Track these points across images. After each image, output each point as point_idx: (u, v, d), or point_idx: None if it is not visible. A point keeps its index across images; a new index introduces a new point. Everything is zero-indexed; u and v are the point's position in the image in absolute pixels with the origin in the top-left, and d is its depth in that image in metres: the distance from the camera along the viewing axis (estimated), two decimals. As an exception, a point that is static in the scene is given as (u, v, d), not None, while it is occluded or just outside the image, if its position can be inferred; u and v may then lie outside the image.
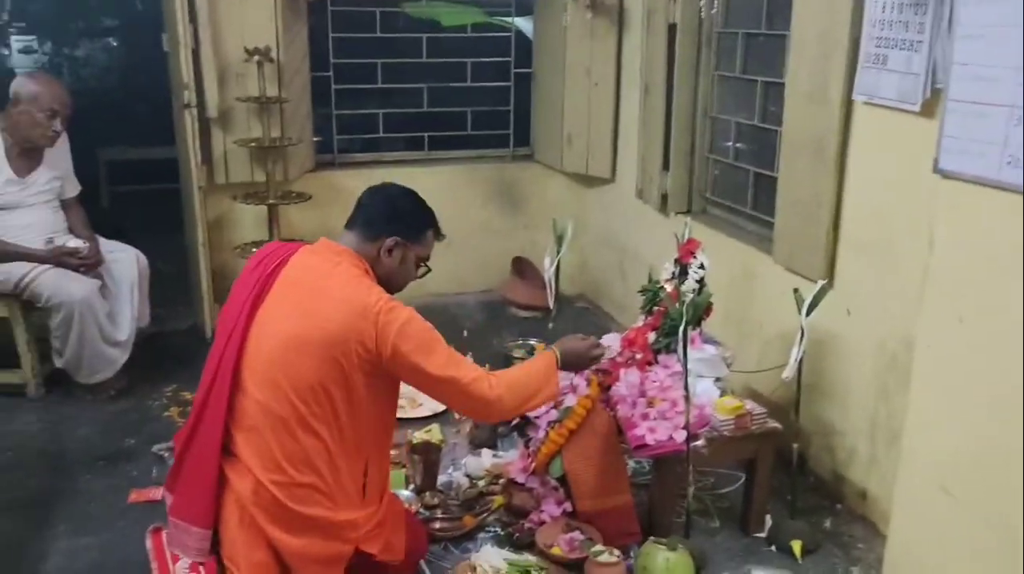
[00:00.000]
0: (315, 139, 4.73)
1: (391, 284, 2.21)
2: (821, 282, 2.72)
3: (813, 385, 3.12)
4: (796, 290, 2.72)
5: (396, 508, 2.44)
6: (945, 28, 2.54)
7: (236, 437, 2.10)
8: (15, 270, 3.52)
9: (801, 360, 2.72)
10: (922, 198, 2.59)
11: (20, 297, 3.56)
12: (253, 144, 4.26)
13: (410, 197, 2.26)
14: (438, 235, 2.28)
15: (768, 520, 2.89)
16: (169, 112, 4.40)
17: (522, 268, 4.87)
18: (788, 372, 2.71)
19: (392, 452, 3.18)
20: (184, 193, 4.30)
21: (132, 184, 7.15)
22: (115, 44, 8.89)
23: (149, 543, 2.69)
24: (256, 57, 4.11)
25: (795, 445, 2.83)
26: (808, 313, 2.67)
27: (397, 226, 2.16)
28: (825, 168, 3.02)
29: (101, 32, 8.89)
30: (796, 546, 2.74)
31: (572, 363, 2.48)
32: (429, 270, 2.30)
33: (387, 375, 2.11)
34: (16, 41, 9.00)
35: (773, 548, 2.80)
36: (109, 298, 3.71)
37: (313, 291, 2.06)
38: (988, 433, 2.26)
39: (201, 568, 2.51)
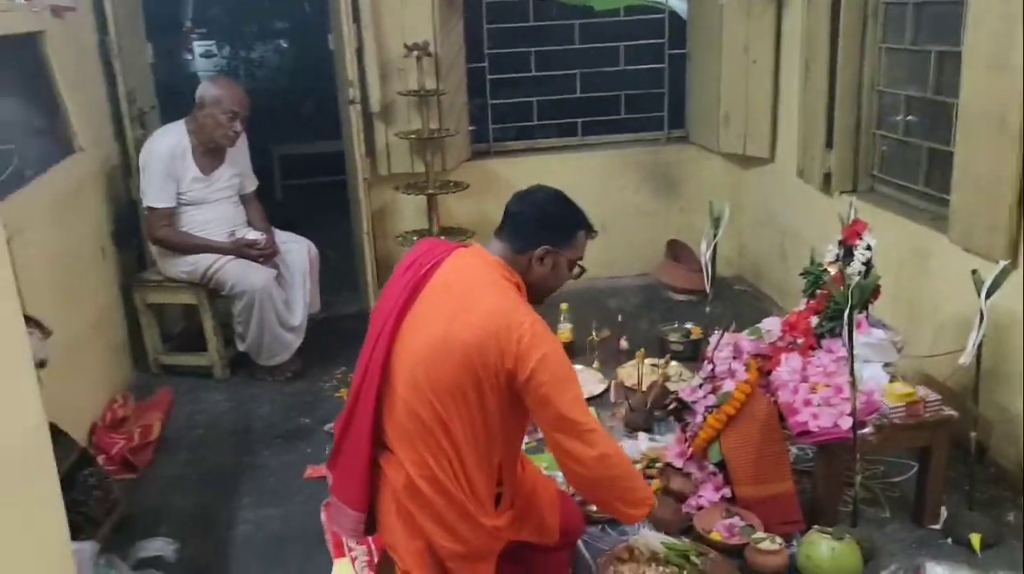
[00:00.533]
0: (470, 128, 4.85)
1: (544, 289, 2.19)
2: (1003, 262, 2.55)
3: (994, 370, 2.93)
4: (975, 271, 2.56)
5: (551, 490, 2.48)
6: None
7: (387, 431, 2.16)
8: (202, 261, 3.81)
9: (980, 344, 2.56)
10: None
11: (207, 286, 3.86)
12: (413, 136, 4.42)
13: (557, 202, 2.19)
14: (590, 234, 2.21)
15: (943, 512, 2.75)
16: (335, 108, 4.62)
17: (677, 251, 4.82)
18: (966, 357, 2.56)
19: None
20: (350, 185, 4.52)
21: (303, 178, 7.55)
22: (285, 46, 9.39)
23: (324, 516, 2.87)
24: (415, 52, 4.26)
25: (973, 433, 2.67)
26: (988, 295, 2.51)
27: (546, 235, 2.11)
28: (1008, 141, 2.82)
29: (273, 34, 9.42)
30: (975, 539, 2.59)
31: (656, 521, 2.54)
32: (584, 270, 2.25)
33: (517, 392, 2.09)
34: (198, 46, 9.70)
35: (949, 541, 2.66)
36: (284, 286, 3.96)
37: (463, 298, 2.05)
38: None
39: (372, 543, 2.67)
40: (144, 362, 4.07)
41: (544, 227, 2.12)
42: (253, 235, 3.89)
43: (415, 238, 4.50)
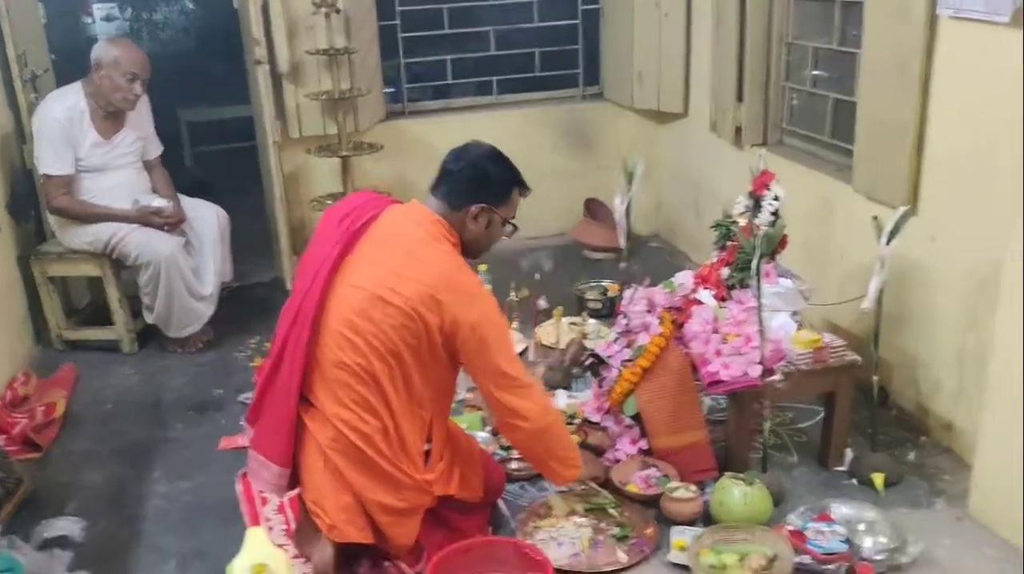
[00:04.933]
0: (387, 90, 4.75)
1: (478, 247, 2.24)
2: (903, 208, 2.61)
3: (896, 316, 3.02)
4: (875, 217, 2.62)
5: (473, 448, 2.49)
6: (1036, -70, 2.36)
7: (314, 384, 2.15)
8: (103, 231, 3.66)
9: (882, 290, 2.63)
10: (1013, 116, 2.45)
11: (110, 257, 3.71)
12: (324, 97, 4.31)
13: (494, 159, 2.24)
14: (524, 192, 2.27)
15: (848, 454, 2.83)
16: (244, 70, 4.47)
17: (595, 209, 4.82)
18: (867, 303, 2.62)
19: (469, 395, 3.26)
20: (260, 149, 4.39)
21: (213, 143, 7.32)
22: (191, 6, 9.05)
23: (239, 487, 2.82)
24: (323, 9, 4.13)
25: (875, 377, 2.75)
26: (888, 241, 2.57)
27: (483, 193, 2.16)
28: (908, 89, 2.88)
29: (178, -6, 9.07)
30: (878, 479, 2.68)
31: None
32: (516, 228, 2.31)
33: (453, 350, 2.14)
34: (98, 9, 9.26)
35: (854, 481, 2.75)
36: (193, 254, 3.84)
37: (403, 254, 2.07)
38: (1082, 360, 2.16)
39: (288, 508, 2.63)
40: (47, 338, 3.91)
41: (481, 185, 2.16)
42: (158, 202, 3.74)
43: (330, 202, 4.39)
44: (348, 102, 4.36)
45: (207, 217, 3.90)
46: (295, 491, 2.32)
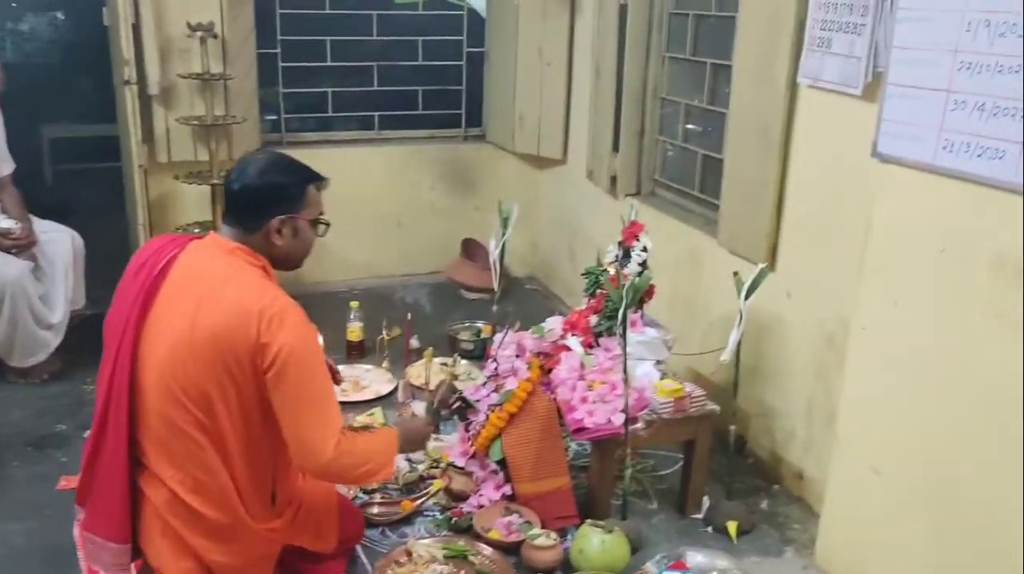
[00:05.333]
0: (271, 118, 4.64)
1: (294, 258, 2.08)
2: (761, 266, 2.72)
3: (754, 367, 3.13)
4: (736, 273, 2.72)
5: (329, 495, 2.40)
6: (888, 11, 2.53)
7: (145, 447, 2.01)
8: (-55, 251, 3.41)
9: (740, 343, 2.72)
10: (862, 182, 2.59)
11: (-51, 278, 3.44)
12: (196, 122, 4.16)
13: (275, 167, 2.04)
14: (320, 186, 2.07)
15: (705, 501, 2.90)
16: (113, 88, 4.28)
17: (472, 250, 4.83)
18: (726, 355, 2.70)
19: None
20: (125, 172, 4.19)
21: (78, 161, 6.97)
22: (61, 18, 8.64)
23: (76, 532, 2.61)
24: (199, 33, 4.01)
25: (732, 427, 2.83)
26: (747, 296, 2.67)
27: (275, 205, 1.98)
28: (770, 151, 3.02)
29: (47, 5, 8.63)
30: (732, 527, 2.75)
31: (409, 443, 2.36)
32: (328, 225, 2.11)
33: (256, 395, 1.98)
34: (-43, 15, 8.73)
35: (709, 529, 2.81)
36: (43, 280, 3.61)
37: (206, 293, 1.93)
38: (919, 415, 2.28)
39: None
40: None
41: (270, 198, 1.98)
42: (6, 223, 3.51)
43: (197, 230, 4.23)
44: (221, 129, 4.23)
45: (60, 241, 3.68)
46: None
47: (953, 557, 2.20)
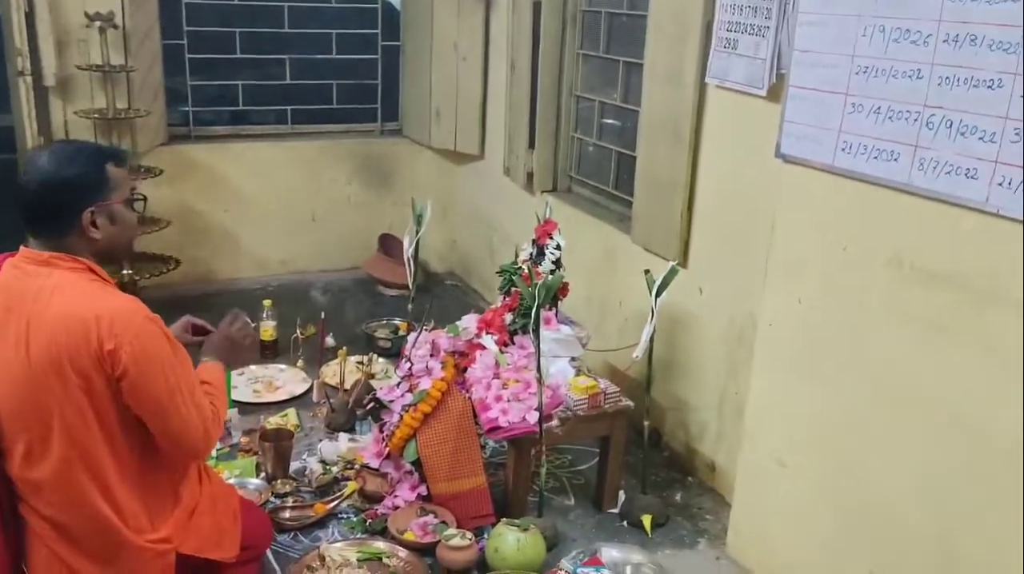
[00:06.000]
0: (181, 111, 4.49)
1: (121, 244, 1.91)
2: (671, 263, 2.76)
3: (669, 362, 3.18)
4: (647, 271, 2.75)
5: (232, 501, 2.33)
6: (790, 14, 2.59)
7: (17, 482, 1.90)
8: None
9: (653, 339, 2.75)
10: (768, 181, 2.65)
11: None
12: (96, 115, 4.01)
13: (64, 158, 1.81)
14: (119, 161, 1.86)
15: (621, 496, 2.93)
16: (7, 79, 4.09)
17: (389, 245, 4.77)
18: (638, 351, 2.74)
19: (243, 439, 3.10)
20: (20, 166, 4.01)
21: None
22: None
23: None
24: (98, 23, 3.86)
25: (646, 422, 2.87)
26: (659, 294, 2.70)
27: (78, 199, 1.78)
28: (680, 149, 3.06)
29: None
30: (646, 520, 2.79)
31: (230, 352, 2.18)
32: (143, 197, 1.97)
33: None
34: None
35: (625, 523, 2.85)
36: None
37: (31, 316, 1.76)
38: (821, 409, 2.34)
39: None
40: None
41: (72, 194, 1.78)
42: None
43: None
44: (124, 122, 4.08)
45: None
46: None
47: (857, 546, 2.27)
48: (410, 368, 2.88)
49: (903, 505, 2.12)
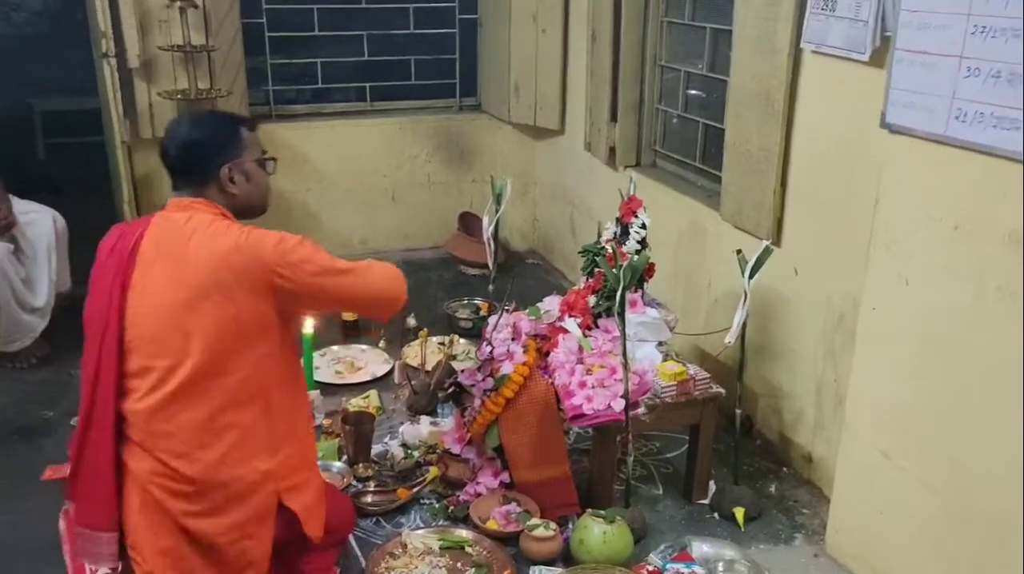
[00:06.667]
0: (263, 90, 4.50)
1: (255, 203, 2.10)
2: (765, 242, 2.60)
3: (761, 346, 3.03)
4: (739, 252, 2.60)
5: (317, 482, 2.31)
6: (897, -29, 2.39)
7: (132, 427, 1.97)
8: (-79, 234, 3.30)
9: (745, 324, 2.61)
10: (871, 153, 2.47)
11: (-72, 262, 3.34)
12: (179, 96, 4.03)
13: (202, 122, 2.09)
14: (251, 126, 2.11)
15: (712, 486, 2.81)
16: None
17: (469, 223, 4.71)
18: (730, 337, 2.60)
19: (326, 421, 3.08)
20: (108, 148, 4.08)
21: (71, 135, 6.81)
22: (49, -13, 8.46)
23: (62, 525, 2.53)
24: (179, 3, 3.87)
25: (738, 410, 2.73)
26: (752, 275, 2.56)
27: (215, 156, 1.99)
28: (772, 120, 2.89)
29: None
30: (739, 513, 2.67)
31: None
32: (275, 159, 2.15)
33: (285, 307, 2.01)
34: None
35: (716, 515, 2.73)
36: (25, 262, 3.51)
37: (179, 252, 1.92)
38: (931, 399, 2.18)
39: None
40: None
41: (208, 151, 2.00)
42: (-19, 205, 3.40)
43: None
44: (207, 102, 4.09)
45: (42, 222, 3.57)
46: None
47: (967, 545, 2.11)
48: (491, 352, 2.80)
49: (1016, 498, 1.95)
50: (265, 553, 2.06)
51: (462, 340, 3.68)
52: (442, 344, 3.60)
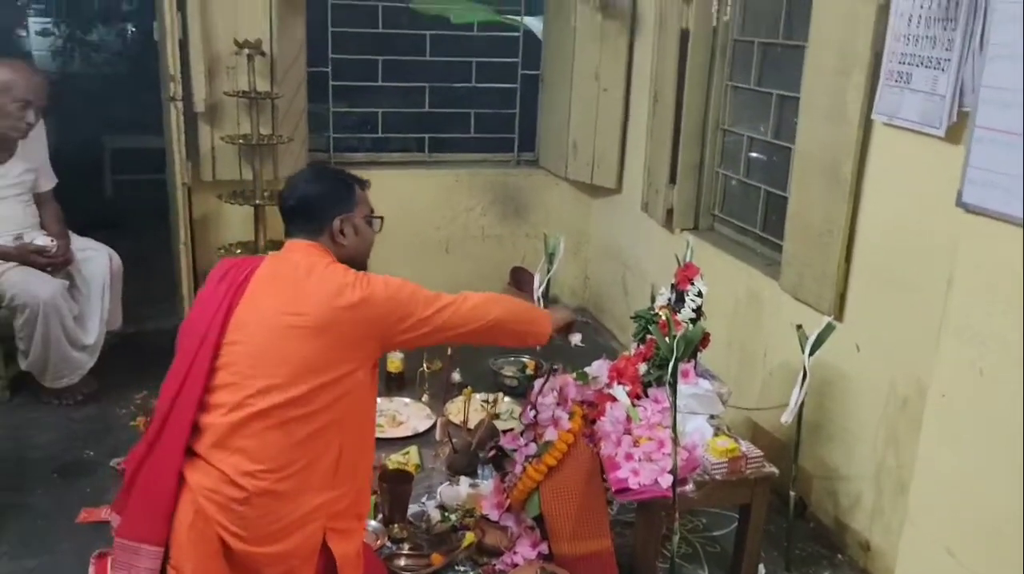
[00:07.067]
0: (324, 136, 4.54)
1: (360, 256, 2.25)
2: (827, 319, 2.49)
3: (818, 425, 2.89)
4: (799, 327, 2.50)
5: (361, 536, 2.27)
6: (976, 46, 2.31)
7: (205, 438, 2.02)
8: (-23, 267, 3.35)
9: (802, 402, 2.49)
10: (943, 230, 2.36)
11: (-16, 296, 3.39)
12: (241, 141, 4.08)
13: (321, 176, 2.28)
14: (364, 186, 2.28)
15: (762, 570, 2.67)
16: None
17: (521, 278, 4.63)
18: (787, 416, 2.48)
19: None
20: (169, 189, 4.12)
21: (139, 172, 6.96)
22: (133, 29, 8.74)
23: (92, 571, 2.51)
24: (247, 50, 3.93)
25: (792, 493, 2.60)
26: (812, 352, 2.45)
27: (330, 207, 2.16)
28: (839, 192, 2.79)
29: (118, 16, 8.75)
30: (790, 604, 2.53)
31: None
32: (382, 219, 2.31)
33: (377, 352, 2.14)
34: (34, 23, 8.91)
35: (764, 602, 2.59)
36: (79, 299, 3.53)
37: (293, 282, 2.06)
38: (1000, 497, 2.03)
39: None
40: (-91, 380, 3.55)
41: (324, 202, 2.16)
42: (41, 241, 3.44)
43: (239, 251, 4.15)
44: (267, 148, 4.14)
45: (98, 259, 3.61)
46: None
47: (1040, 661, 1.95)
48: (535, 416, 2.72)
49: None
50: None
51: (507, 398, 3.61)
52: (486, 402, 3.53)
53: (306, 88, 4.44)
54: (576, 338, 2.63)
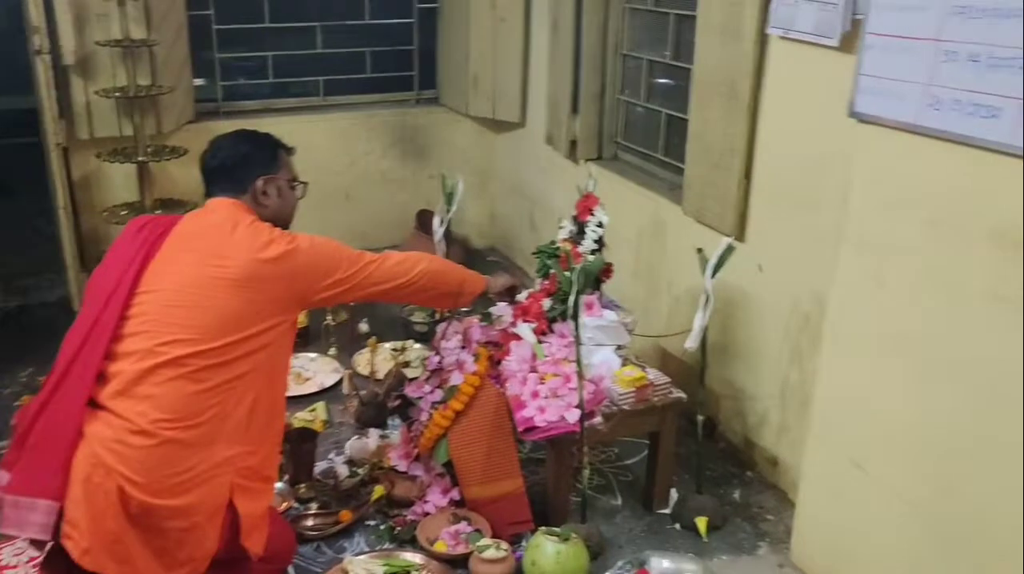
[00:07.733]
0: (197, 83, 4.29)
1: (283, 215, 2.23)
2: (727, 240, 2.45)
3: (724, 346, 2.89)
4: (700, 250, 2.45)
5: (267, 499, 2.16)
6: (864, -50, 2.25)
7: (110, 389, 1.92)
8: None
9: (707, 326, 2.46)
10: (840, 145, 2.32)
11: None
12: (118, 94, 3.81)
13: (245, 137, 2.25)
14: (289, 151, 2.29)
15: (673, 494, 2.67)
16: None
17: (427, 222, 4.50)
18: (691, 342, 2.45)
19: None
20: (44, 150, 3.85)
21: (15, 137, 6.55)
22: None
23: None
24: (116, -7, 3.65)
25: (699, 417, 2.59)
26: (713, 274, 2.41)
27: (253, 168, 2.15)
28: (738, 110, 2.74)
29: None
30: (701, 523, 2.53)
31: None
32: (305, 183, 2.32)
33: (297, 308, 2.12)
34: None
35: (678, 526, 2.59)
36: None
37: (212, 239, 2.03)
38: (906, 407, 2.04)
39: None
40: None
41: (248, 162, 2.16)
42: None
43: (125, 212, 3.91)
44: (148, 100, 3.88)
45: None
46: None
47: (945, 561, 1.97)
48: (440, 361, 2.64)
49: (1001, 518, 1.82)
50: (206, 553, 1.96)
51: (416, 346, 3.52)
52: (395, 350, 3.44)
53: (187, 33, 4.18)
54: (522, 297, 2.62)
